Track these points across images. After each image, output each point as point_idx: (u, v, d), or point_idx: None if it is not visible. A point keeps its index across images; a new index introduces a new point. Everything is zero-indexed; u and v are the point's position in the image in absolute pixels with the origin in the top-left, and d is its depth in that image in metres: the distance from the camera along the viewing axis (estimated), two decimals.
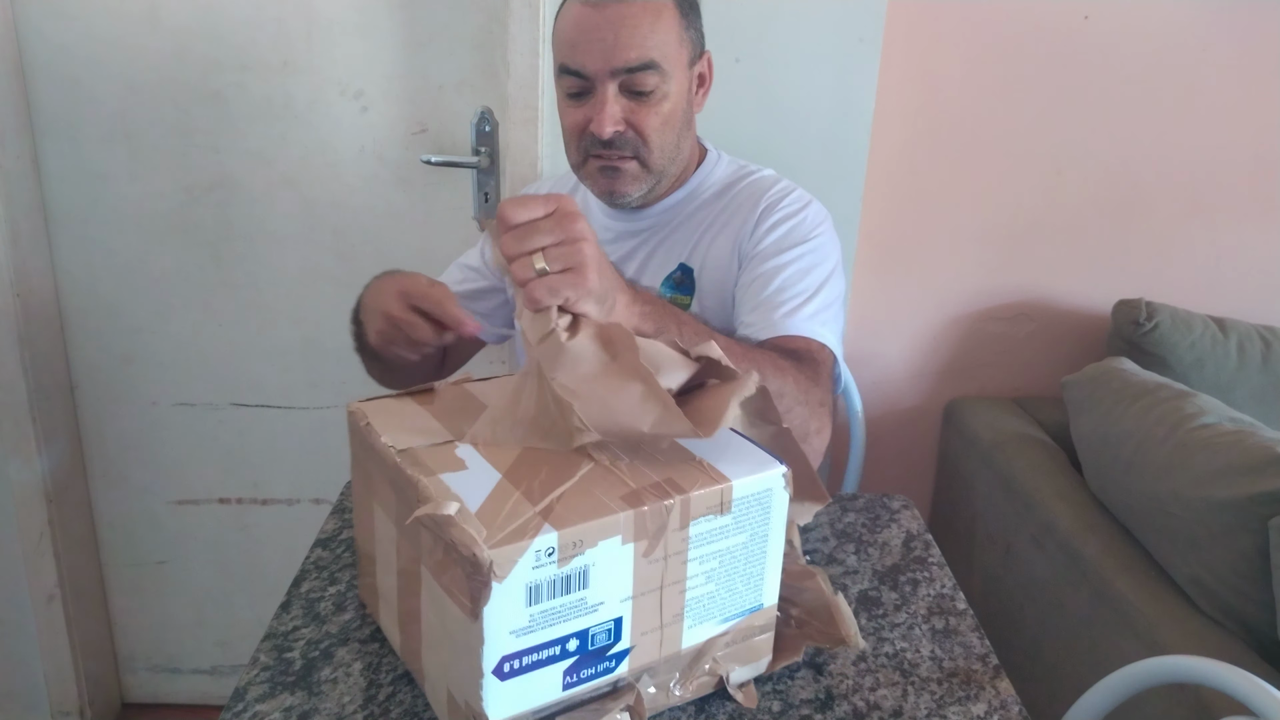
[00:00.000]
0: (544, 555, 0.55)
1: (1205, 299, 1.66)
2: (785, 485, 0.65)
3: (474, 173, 1.49)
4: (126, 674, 1.81)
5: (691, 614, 0.64)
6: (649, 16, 0.94)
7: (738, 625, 0.67)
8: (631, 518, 0.58)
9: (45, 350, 1.55)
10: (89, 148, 1.49)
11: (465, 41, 1.45)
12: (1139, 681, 0.70)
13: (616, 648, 0.61)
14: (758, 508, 0.64)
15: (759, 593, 0.67)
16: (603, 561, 0.58)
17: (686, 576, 0.62)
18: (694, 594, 0.63)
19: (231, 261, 1.56)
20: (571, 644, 0.59)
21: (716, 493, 0.61)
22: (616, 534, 0.58)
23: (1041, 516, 1.35)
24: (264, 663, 0.71)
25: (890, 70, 1.49)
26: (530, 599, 0.56)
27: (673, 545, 0.60)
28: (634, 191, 1.02)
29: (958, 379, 1.75)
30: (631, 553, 0.59)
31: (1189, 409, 1.21)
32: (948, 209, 1.64)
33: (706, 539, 0.62)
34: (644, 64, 0.94)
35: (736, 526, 0.63)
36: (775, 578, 0.68)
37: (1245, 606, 1.05)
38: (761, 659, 0.70)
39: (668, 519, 0.59)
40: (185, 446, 1.65)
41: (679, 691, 0.66)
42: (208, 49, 1.44)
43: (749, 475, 0.63)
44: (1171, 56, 1.56)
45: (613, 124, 0.96)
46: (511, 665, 0.57)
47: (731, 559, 0.64)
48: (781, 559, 0.67)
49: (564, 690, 0.60)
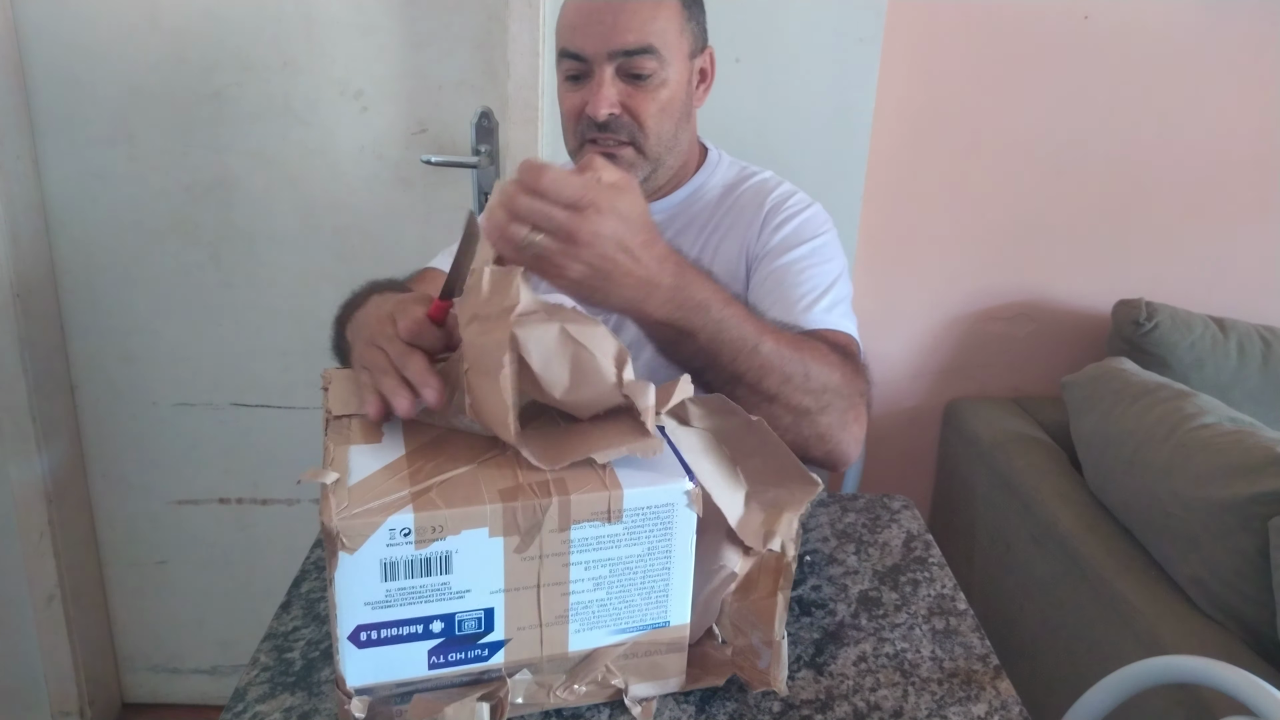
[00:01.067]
0: (399, 534, 0.57)
1: (1205, 299, 1.66)
2: (689, 503, 0.62)
3: (474, 173, 1.49)
4: (126, 674, 1.81)
5: (579, 619, 0.63)
6: (650, 3, 0.95)
7: (637, 639, 0.65)
8: (500, 511, 0.58)
9: (45, 350, 1.55)
10: (89, 148, 1.49)
11: (465, 41, 1.45)
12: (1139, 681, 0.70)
13: (489, 637, 0.62)
14: (655, 521, 0.62)
15: (663, 609, 0.65)
16: (467, 550, 0.59)
17: (570, 580, 0.62)
18: (580, 599, 0.63)
19: (231, 261, 1.56)
20: (435, 625, 0.60)
21: (603, 499, 0.60)
22: (483, 525, 0.58)
23: (1041, 516, 1.35)
24: (264, 663, 0.71)
25: (890, 70, 1.49)
26: (386, 575, 0.58)
27: (550, 546, 0.60)
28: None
29: (958, 379, 1.75)
30: (501, 546, 0.59)
31: (1189, 409, 1.21)
32: (948, 209, 1.64)
33: (591, 545, 0.61)
34: (642, 47, 0.94)
35: (630, 537, 0.62)
36: (684, 597, 0.65)
37: (1245, 606, 1.05)
38: (669, 678, 0.68)
39: (542, 518, 0.59)
40: (185, 446, 1.65)
41: (563, 693, 0.65)
42: (208, 49, 1.44)
43: (645, 486, 0.61)
44: (1171, 56, 1.56)
45: (608, 105, 0.95)
46: (369, 635, 0.59)
47: (626, 570, 0.63)
48: (690, 578, 0.65)
49: (430, 670, 0.62)
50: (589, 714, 0.67)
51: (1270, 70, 1.58)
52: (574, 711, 0.67)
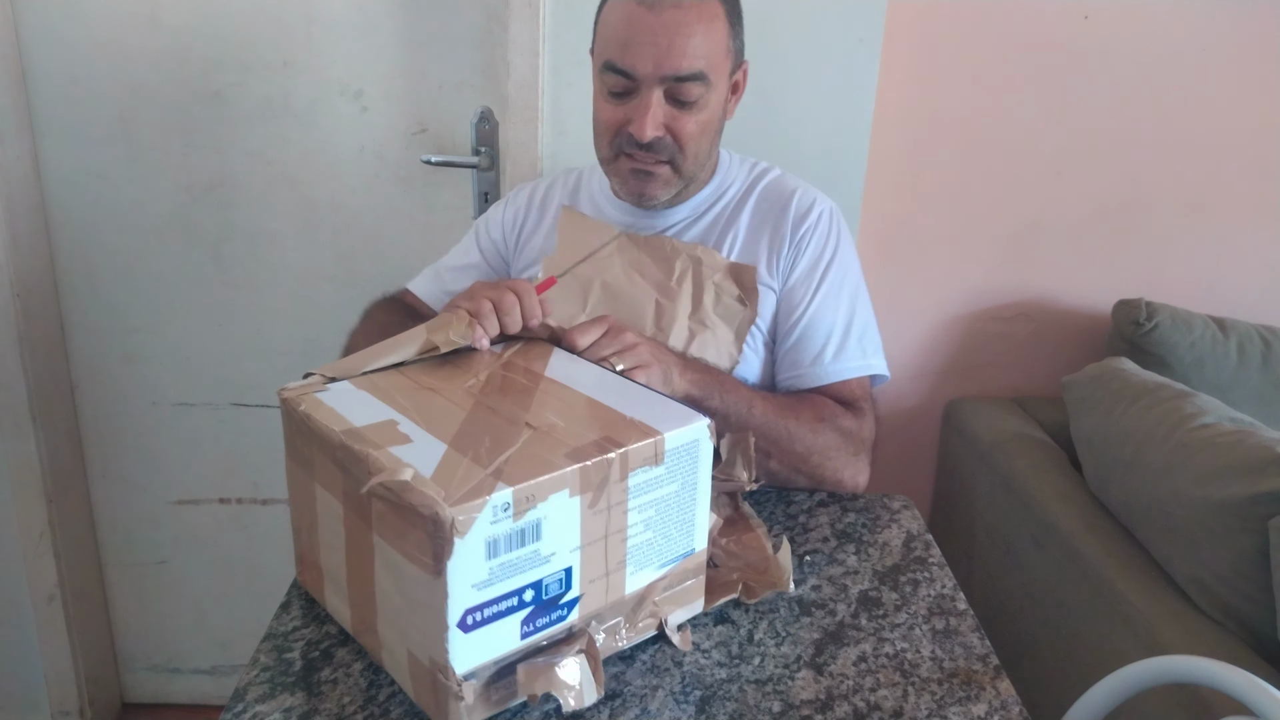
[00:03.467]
0: (500, 510, 0.60)
1: (1205, 299, 1.66)
2: (710, 435, 0.71)
3: (474, 172, 1.49)
4: (126, 674, 1.81)
5: (633, 560, 0.69)
6: (703, 25, 0.94)
7: (673, 570, 0.72)
8: (577, 472, 0.63)
9: (45, 350, 1.55)
10: (89, 148, 1.49)
11: (465, 41, 1.45)
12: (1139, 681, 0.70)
13: (568, 596, 0.66)
14: (687, 457, 0.70)
15: (690, 538, 0.73)
16: (553, 514, 0.63)
17: (627, 525, 0.68)
18: (634, 541, 0.69)
19: (231, 261, 1.56)
20: (528, 594, 0.63)
21: (651, 445, 0.67)
22: (565, 488, 0.62)
23: (1041, 516, 1.35)
24: (264, 663, 0.71)
25: (890, 70, 1.49)
26: (490, 553, 0.60)
27: (614, 496, 0.66)
28: (663, 195, 1.04)
29: (958, 379, 1.75)
30: (579, 505, 0.64)
31: (1189, 409, 1.21)
32: (947, 209, 1.64)
33: (644, 489, 0.68)
34: (693, 74, 0.95)
35: (669, 476, 0.69)
36: (704, 523, 0.73)
37: (1245, 606, 1.05)
38: (695, 601, 0.76)
39: (609, 471, 0.65)
40: (185, 446, 1.65)
41: (625, 635, 0.71)
42: (208, 49, 1.44)
43: (678, 428, 0.69)
44: (1171, 57, 1.56)
45: (654, 129, 0.96)
46: (474, 617, 0.61)
47: (666, 507, 0.70)
48: (709, 503, 0.73)
49: (522, 639, 0.64)
50: (589, 714, 0.67)
51: (1270, 70, 1.58)
52: (574, 711, 0.67)
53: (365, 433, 0.67)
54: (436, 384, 0.76)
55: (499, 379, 0.78)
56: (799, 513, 0.98)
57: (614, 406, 0.72)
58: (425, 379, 0.77)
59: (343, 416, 0.70)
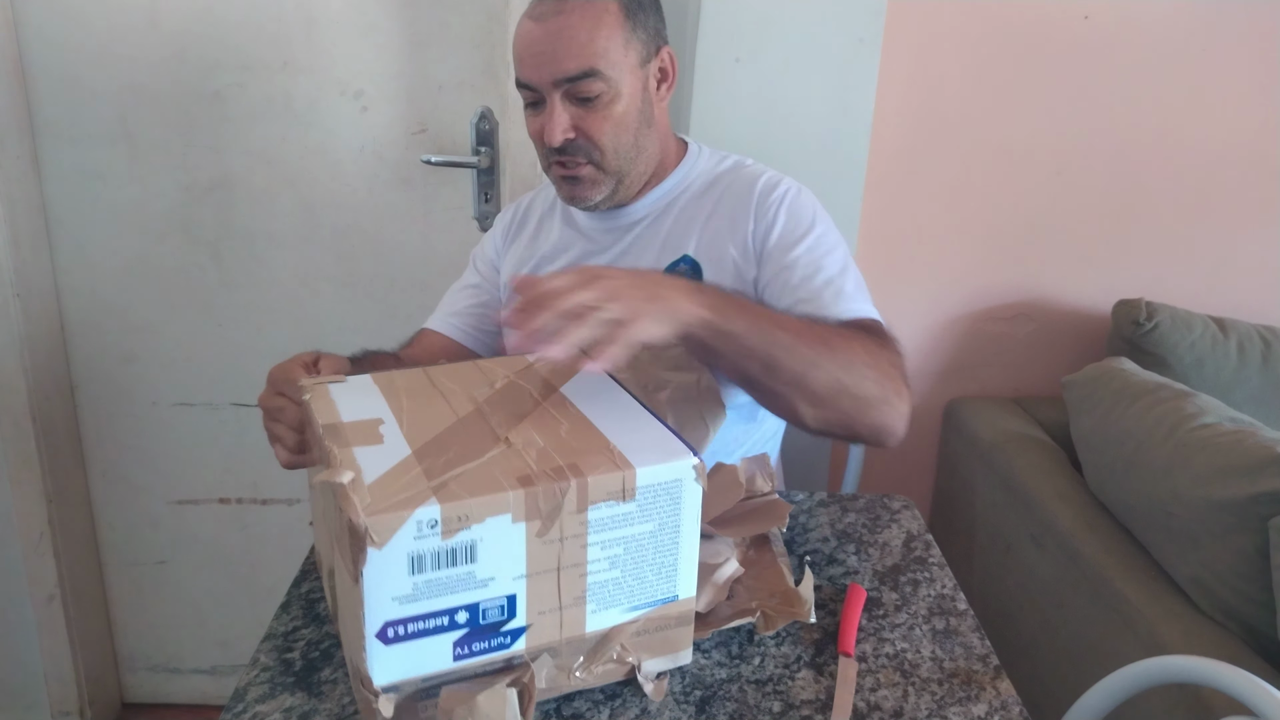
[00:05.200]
0: (426, 527, 0.57)
1: (1205, 299, 1.66)
2: (696, 477, 0.65)
3: (474, 173, 1.49)
4: (126, 674, 1.81)
5: (595, 598, 0.65)
6: (587, 25, 0.96)
7: (649, 615, 0.68)
8: (522, 497, 0.59)
9: (45, 350, 1.54)
10: (89, 148, 1.48)
11: (465, 41, 1.45)
12: (1139, 681, 0.70)
13: (511, 624, 0.63)
14: (665, 497, 0.64)
15: (672, 584, 0.68)
16: (491, 538, 0.60)
17: (587, 560, 0.63)
18: (597, 579, 0.64)
19: (231, 261, 1.56)
20: (461, 616, 0.61)
21: (618, 479, 0.62)
22: (506, 512, 0.59)
23: (1041, 516, 1.35)
24: (264, 663, 0.71)
25: (890, 70, 1.49)
26: (414, 568, 0.58)
27: (569, 528, 0.62)
28: (594, 195, 1.05)
29: (958, 379, 1.75)
30: (523, 532, 0.60)
31: (1189, 409, 1.21)
32: (947, 209, 1.64)
33: (608, 525, 0.63)
34: (583, 72, 0.97)
35: (642, 515, 0.64)
36: (691, 570, 0.68)
37: (1245, 606, 1.05)
38: (679, 651, 0.70)
39: (562, 501, 0.61)
40: (185, 446, 1.65)
41: (582, 675, 0.67)
42: (207, 49, 1.44)
43: (655, 464, 0.63)
44: (1171, 56, 1.56)
45: (561, 133, 0.99)
46: (396, 631, 0.59)
47: (638, 547, 0.65)
48: (696, 551, 0.68)
49: (455, 661, 0.62)
50: (589, 714, 0.67)
51: (1270, 70, 1.58)
52: (574, 711, 0.67)
53: (345, 429, 0.67)
54: (451, 386, 0.76)
55: (512, 389, 0.76)
56: (799, 512, 0.98)
57: (605, 432, 0.68)
58: (444, 380, 0.77)
59: (336, 410, 0.70)
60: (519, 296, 0.70)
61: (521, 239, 1.19)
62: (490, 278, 1.21)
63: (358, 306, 1.59)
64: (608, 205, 1.08)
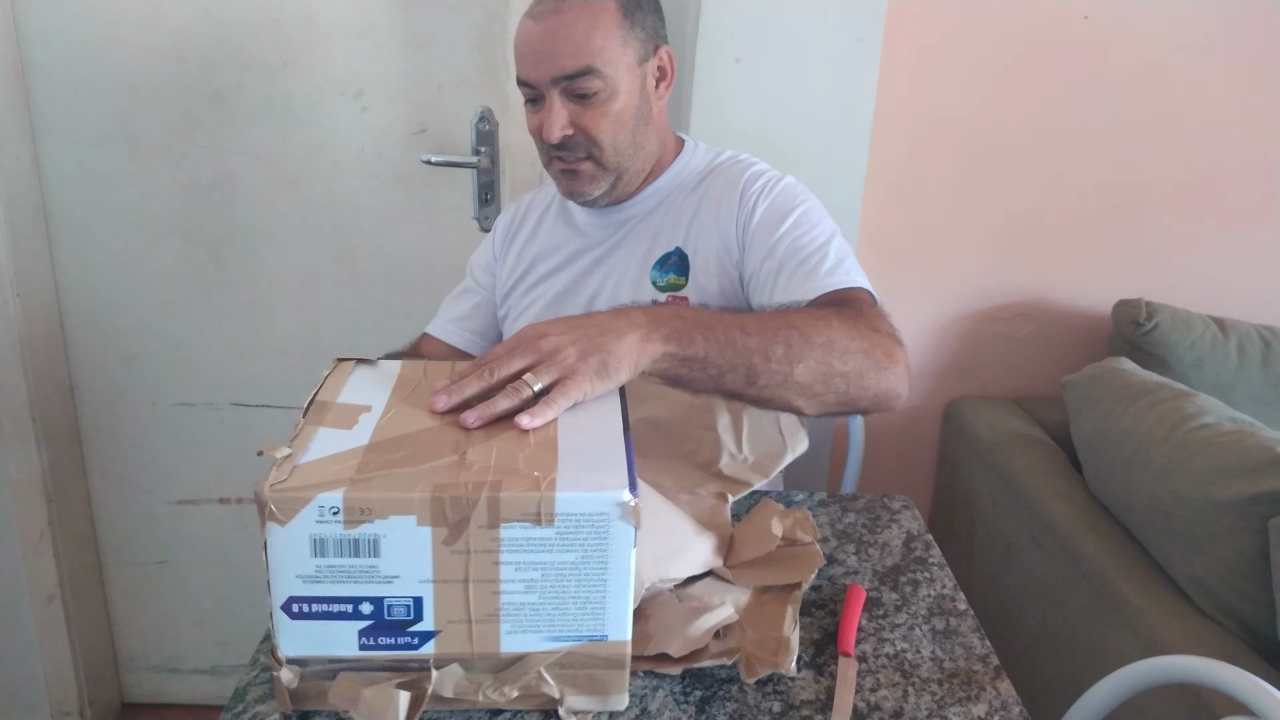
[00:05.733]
0: (328, 513, 0.59)
1: (1205, 299, 1.66)
2: (624, 516, 0.60)
3: (474, 173, 1.49)
4: (126, 674, 1.81)
5: (510, 619, 0.63)
6: (584, 23, 0.97)
7: (573, 650, 0.64)
8: (429, 502, 0.59)
9: (45, 350, 1.54)
10: (89, 148, 1.49)
11: (465, 41, 1.45)
12: (1139, 681, 0.70)
13: (418, 626, 0.62)
14: (589, 529, 0.60)
15: (599, 622, 0.63)
16: (395, 536, 0.60)
17: (500, 579, 0.61)
18: (512, 599, 0.62)
19: (231, 261, 1.56)
20: (365, 607, 0.62)
21: (534, 500, 0.59)
22: (411, 513, 0.59)
23: (1041, 516, 1.35)
24: (264, 663, 0.71)
25: (890, 70, 1.49)
26: (316, 551, 0.60)
27: (479, 542, 0.60)
28: (593, 190, 1.06)
29: (958, 379, 1.75)
30: (429, 537, 0.60)
31: (1189, 409, 1.21)
32: (948, 209, 1.64)
33: (522, 546, 0.61)
34: (580, 70, 0.98)
35: (562, 543, 0.61)
36: (622, 611, 0.63)
37: (1245, 606, 1.05)
38: (611, 695, 0.66)
39: (470, 513, 0.59)
40: (185, 446, 1.65)
41: (494, 694, 0.64)
42: (208, 49, 1.44)
43: (578, 492, 0.60)
44: (1171, 57, 1.56)
45: (559, 129, 1.00)
46: (300, 607, 0.62)
47: (559, 577, 0.62)
48: (630, 594, 0.63)
49: (360, 650, 0.63)
50: None
51: (1270, 71, 1.58)
52: None
53: (331, 409, 0.69)
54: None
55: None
56: None
57: (563, 456, 0.64)
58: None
59: (340, 390, 0.72)
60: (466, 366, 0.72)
61: (519, 239, 1.20)
62: (487, 285, 1.23)
63: (358, 306, 1.59)
64: (606, 201, 1.09)
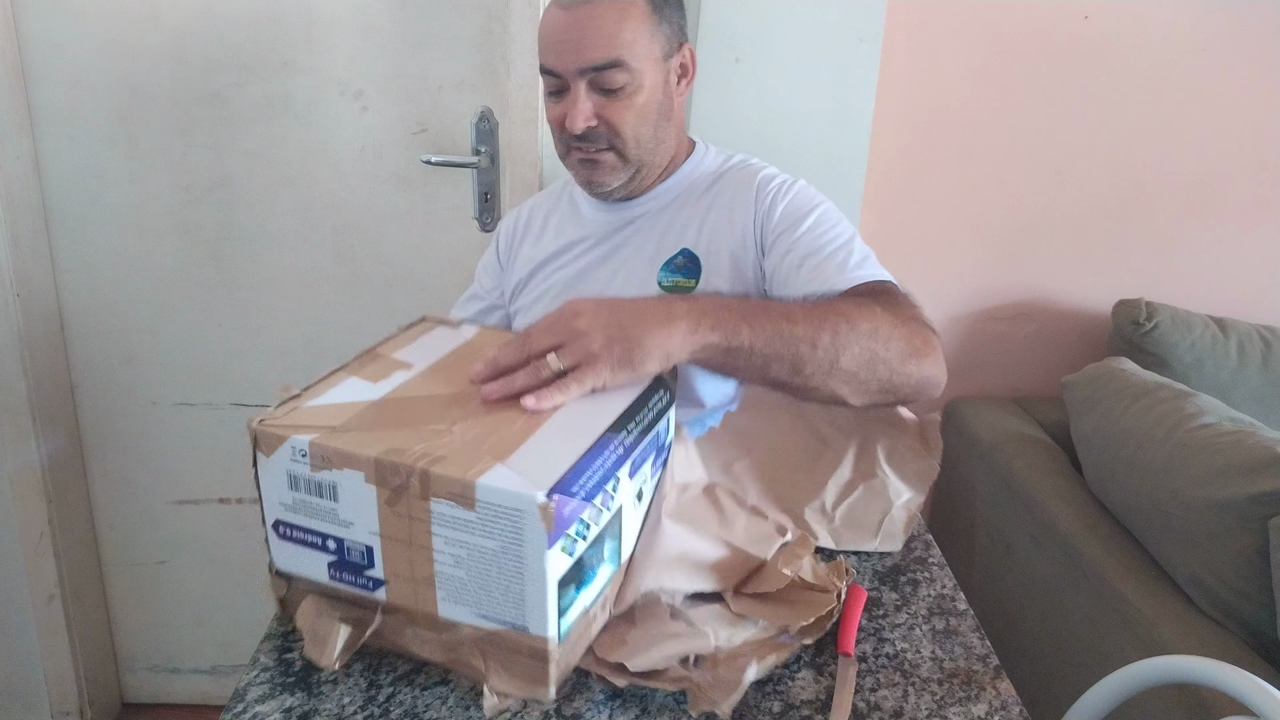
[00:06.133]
0: (298, 453, 0.66)
1: (1205, 299, 1.66)
2: (540, 518, 0.59)
3: (474, 173, 1.49)
4: (126, 674, 1.81)
5: (444, 588, 0.66)
6: (615, 15, 0.97)
7: (499, 632, 0.65)
8: (373, 463, 0.64)
9: (45, 350, 1.54)
10: (89, 148, 1.48)
11: (465, 41, 1.45)
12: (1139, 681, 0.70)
13: (371, 572, 0.68)
14: (506, 522, 0.61)
15: (519, 613, 0.63)
16: (348, 486, 0.65)
17: (433, 547, 0.65)
18: (444, 570, 0.65)
19: (231, 261, 1.56)
20: (330, 544, 0.68)
21: (458, 483, 0.61)
22: (360, 470, 0.64)
23: (1041, 516, 1.35)
24: (264, 663, 0.71)
25: (890, 70, 1.49)
26: (291, 485, 0.67)
27: (415, 510, 0.64)
28: (612, 181, 1.06)
29: (958, 379, 1.75)
30: (374, 495, 0.65)
31: (1189, 409, 1.21)
32: (947, 209, 1.64)
33: (449, 523, 0.63)
34: (609, 62, 0.98)
35: (483, 528, 0.62)
36: (541, 608, 0.63)
37: (1245, 606, 1.05)
38: (536, 686, 0.66)
39: (406, 482, 0.63)
40: (185, 446, 1.65)
41: (431, 651, 0.69)
42: (208, 49, 1.44)
43: (498, 483, 0.60)
44: (1171, 56, 1.56)
45: (584, 120, 1.00)
46: (284, 531, 0.70)
47: (482, 560, 0.63)
48: (547, 593, 0.62)
49: (329, 579, 0.70)
50: (589, 714, 0.67)
51: (1270, 70, 1.58)
52: (574, 711, 0.67)
53: (377, 361, 0.77)
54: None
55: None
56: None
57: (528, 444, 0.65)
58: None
59: (404, 346, 0.80)
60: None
61: (526, 243, 1.19)
62: (492, 290, 1.22)
63: (358, 306, 1.59)
64: (622, 194, 1.09)
